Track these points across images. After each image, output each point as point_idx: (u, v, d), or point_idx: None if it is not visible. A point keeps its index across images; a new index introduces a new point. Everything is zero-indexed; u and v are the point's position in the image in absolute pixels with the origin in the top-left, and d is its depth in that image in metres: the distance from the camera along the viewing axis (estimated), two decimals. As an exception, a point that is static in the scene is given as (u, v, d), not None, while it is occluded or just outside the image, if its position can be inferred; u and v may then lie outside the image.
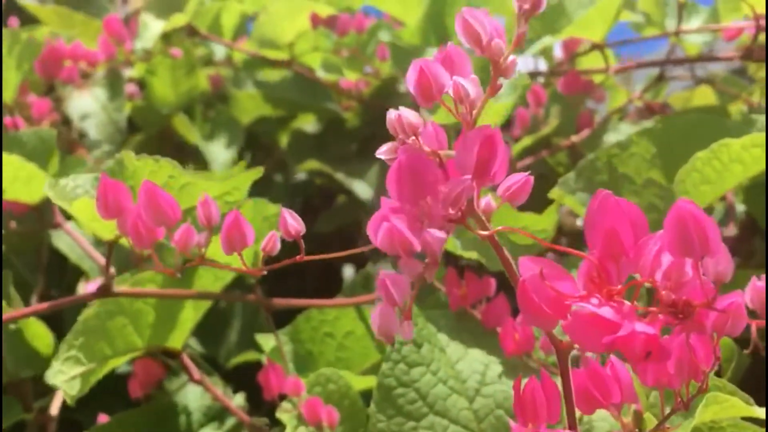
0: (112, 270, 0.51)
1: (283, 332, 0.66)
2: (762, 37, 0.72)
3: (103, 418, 0.63)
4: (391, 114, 0.28)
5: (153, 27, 0.89)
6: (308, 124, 1.10)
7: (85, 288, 0.73)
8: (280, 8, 0.82)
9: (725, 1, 0.81)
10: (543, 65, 1.02)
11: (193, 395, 0.73)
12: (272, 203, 0.56)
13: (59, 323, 0.71)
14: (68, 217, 0.78)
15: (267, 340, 0.66)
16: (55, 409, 0.64)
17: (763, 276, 0.34)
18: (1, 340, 0.65)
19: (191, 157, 0.98)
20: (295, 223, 0.32)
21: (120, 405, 0.69)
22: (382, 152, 0.28)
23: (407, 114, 0.28)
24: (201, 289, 0.59)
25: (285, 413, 0.54)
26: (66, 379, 0.50)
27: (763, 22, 0.70)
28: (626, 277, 0.31)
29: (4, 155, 0.61)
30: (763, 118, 0.67)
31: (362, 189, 0.92)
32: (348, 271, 1.15)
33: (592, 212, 0.30)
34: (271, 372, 0.55)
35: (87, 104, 0.89)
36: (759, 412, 0.39)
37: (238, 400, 0.71)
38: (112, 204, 0.40)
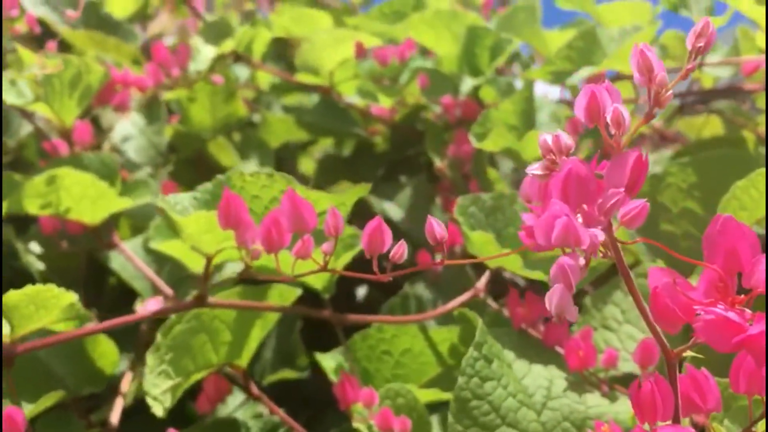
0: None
1: (338, 351, 0.68)
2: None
3: (170, 434, 0.64)
4: (546, 136, 0.31)
5: (205, 51, 0.92)
6: (329, 149, 1.13)
7: (144, 306, 0.74)
8: (325, 38, 0.85)
9: (744, 39, 0.86)
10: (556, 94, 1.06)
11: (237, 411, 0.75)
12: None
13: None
14: (122, 237, 0.80)
15: (326, 359, 0.67)
16: (115, 420, 0.65)
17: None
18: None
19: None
20: (440, 229, 0.35)
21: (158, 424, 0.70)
22: (534, 168, 0.32)
23: (563, 136, 0.31)
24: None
25: (360, 423, 0.56)
26: (160, 392, 0.52)
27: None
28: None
29: (76, 172, 0.63)
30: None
31: (394, 211, 0.95)
32: (360, 292, 1.17)
33: (712, 233, 0.34)
34: (346, 383, 0.57)
35: (126, 128, 0.91)
36: None
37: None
38: (233, 215, 0.42)
